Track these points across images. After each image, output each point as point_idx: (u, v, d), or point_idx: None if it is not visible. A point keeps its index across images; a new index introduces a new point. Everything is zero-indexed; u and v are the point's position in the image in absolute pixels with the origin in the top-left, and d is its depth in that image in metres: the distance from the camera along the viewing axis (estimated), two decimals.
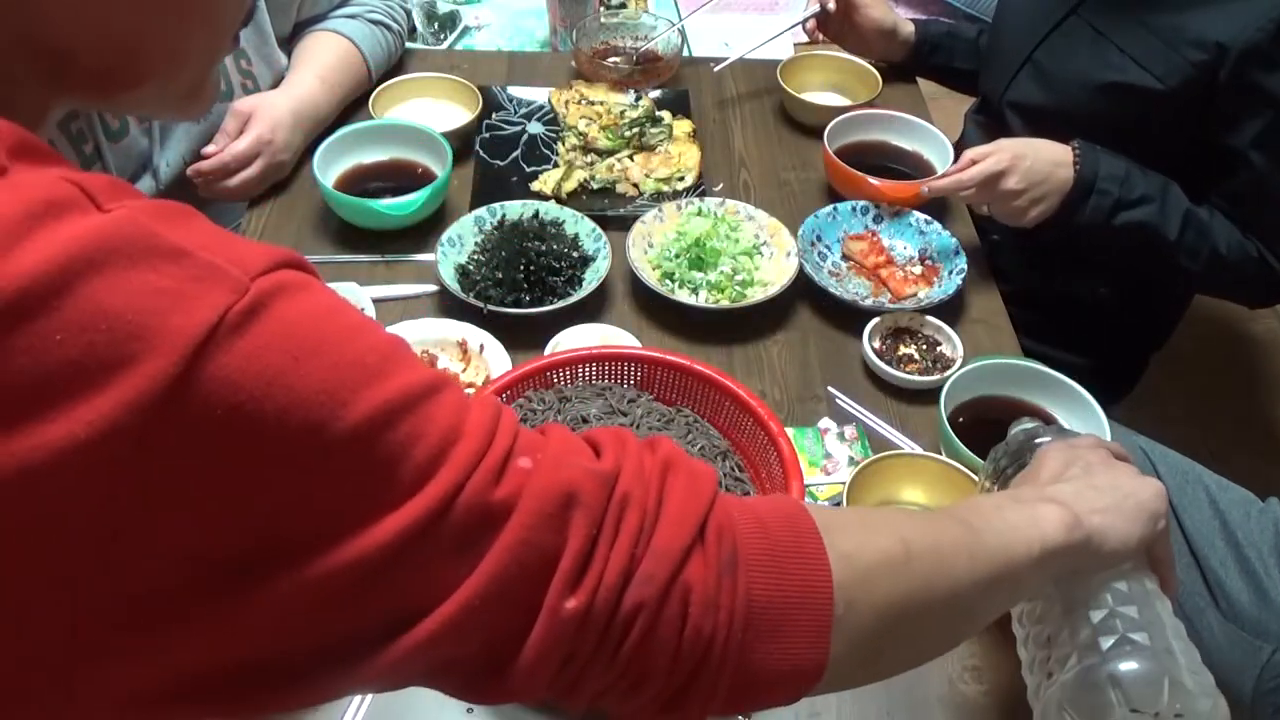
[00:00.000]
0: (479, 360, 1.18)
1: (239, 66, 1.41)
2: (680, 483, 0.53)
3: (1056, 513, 0.66)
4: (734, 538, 0.53)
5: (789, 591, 0.54)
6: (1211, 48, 1.26)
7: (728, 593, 0.51)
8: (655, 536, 0.51)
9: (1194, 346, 1.95)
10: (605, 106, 1.56)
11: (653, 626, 0.50)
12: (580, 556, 0.49)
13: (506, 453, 0.48)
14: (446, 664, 0.49)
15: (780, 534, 0.55)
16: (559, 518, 0.48)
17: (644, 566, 0.50)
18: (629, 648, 0.50)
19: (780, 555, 0.54)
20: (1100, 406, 1.10)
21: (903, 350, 1.24)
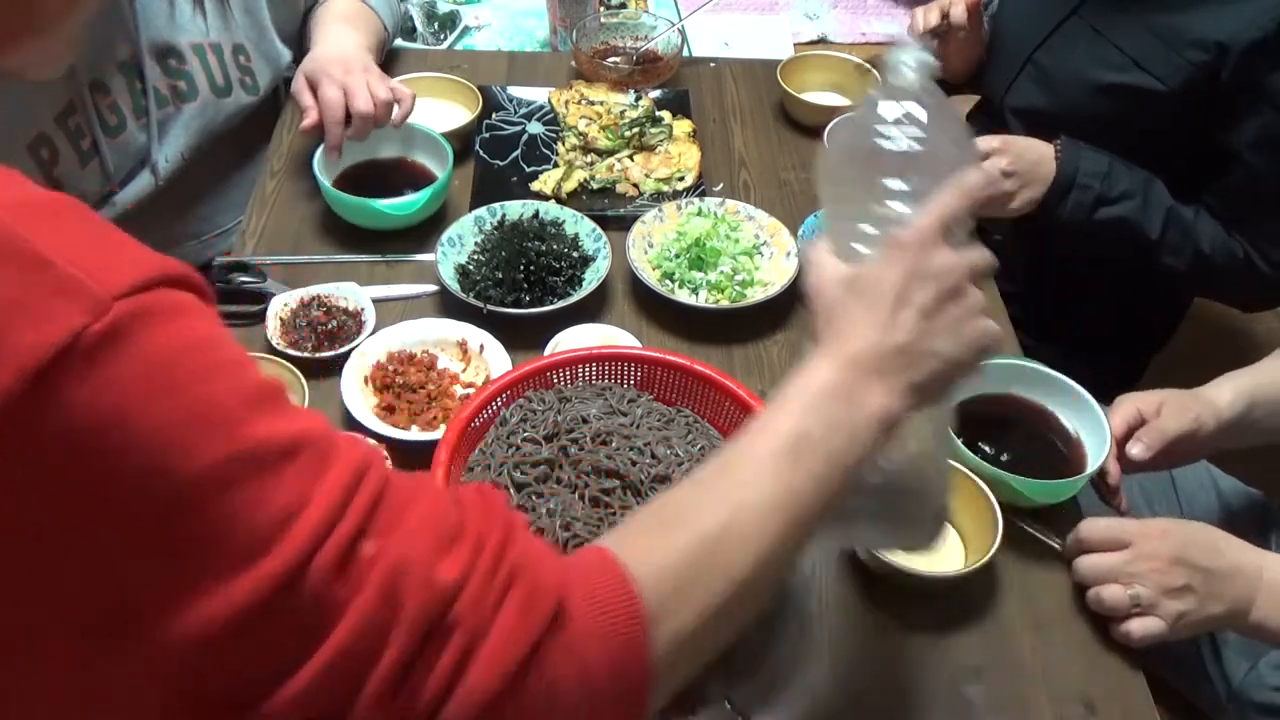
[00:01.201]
0: (479, 360, 1.18)
1: (238, 62, 1.41)
2: (518, 604, 0.51)
3: (882, 406, 0.62)
4: (555, 675, 0.51)
5: (605, 701, 0.53)
6: (1212, 48, 1.26)
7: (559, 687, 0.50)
8: (471, 672, 0.49)
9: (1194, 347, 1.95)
10: (605, 106, 1.56)
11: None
12: (397, 674, 0.47)
13: (357, 530, 0.46)
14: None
15: (603, 662, 0.53)
16: (383, 630, 0.46)
17: (452, 705, 0.48)
18: None
19: (601, 686, 0.53)
20: (1100, 406, 1.10)
21: None
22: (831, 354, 0.64)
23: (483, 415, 1.00)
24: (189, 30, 1.35)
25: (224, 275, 1.27)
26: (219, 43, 1.38)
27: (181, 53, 1.34)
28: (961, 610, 1.00)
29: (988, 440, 1.05)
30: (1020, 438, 1.12)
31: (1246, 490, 1.29)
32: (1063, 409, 1.12)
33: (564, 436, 0.97)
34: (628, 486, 0.94)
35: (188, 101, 1.37)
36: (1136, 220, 1.31)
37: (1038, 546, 1.05)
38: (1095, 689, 0.95)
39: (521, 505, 0.93)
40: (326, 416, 0.51)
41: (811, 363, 0.64)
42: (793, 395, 0.63)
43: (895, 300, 0.64)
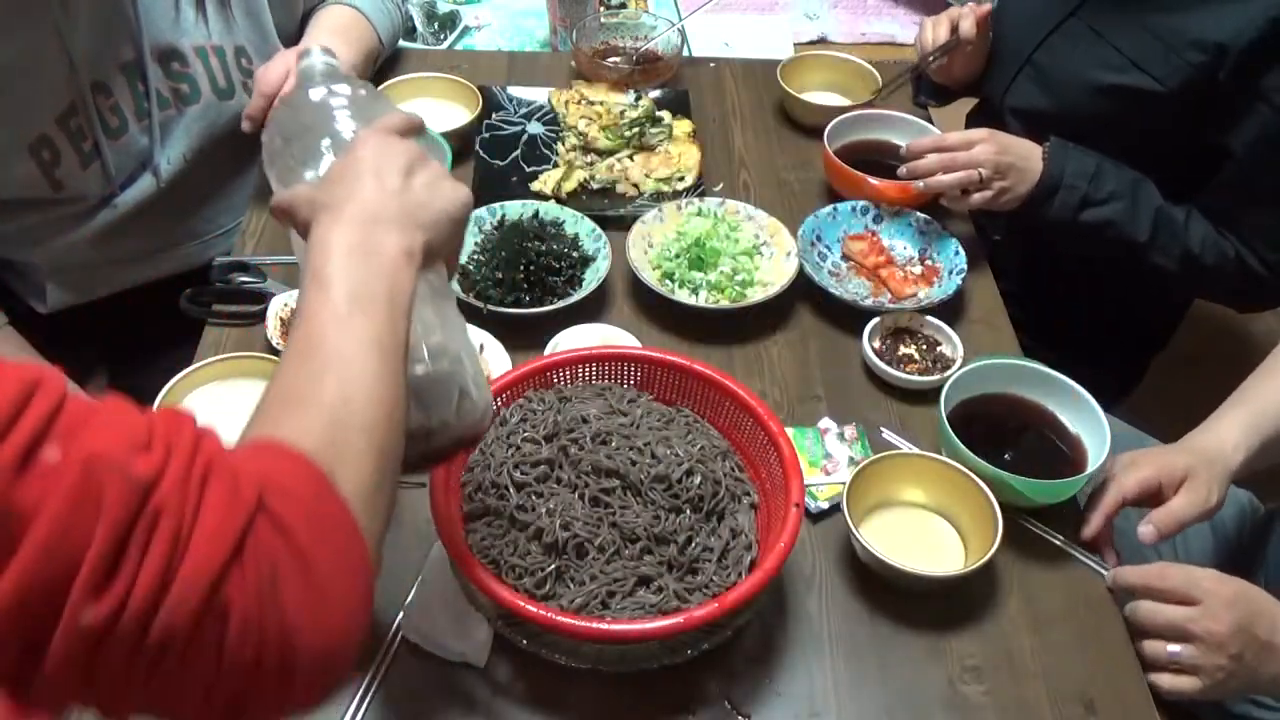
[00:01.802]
0: (479, 360, 1.18)
1: (239, 65, 1.41)
2: (221, 492, 0.51)
3: (401, 246, 0.68)
4: (273, 554, 0.51)
5: (331, 577, 0.54)
6: (1211, 49, 1.26)
7: (271, 613, 0.50)
8: (189, 557, 0.48)
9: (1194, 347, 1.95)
10: (605, 106, 1.56)
11: (185, 652, 0.48)
12: (103, 569, 0.46)
13: (33, 437, 0.46)
14: None
15: (310, 529, 0.54)
16: (83, 528, 0.46)
17: (175, 590, 0.48)
18: (162, 673, 0.48)
19: (316, 556, 0.54)
20: (1100, 406, 1.10)
21: (903, 350, 1.24)
22: (337, 216, 0.68)
23: None
24: (191, 33, 1.35)
25: (224, 275, 1.27)
26: (221, 45, 1.38)
27: (184, 55, 1.35)
28: (961, 610, 1.00)
29: (988, 440, 1.05)
30: (1020, 438, 1.12)
31: (1234, 491, 1.29)
32: (1062, 409, 1.13)
33: (564, 436, 0.97)
34: (628, 486, 0.94)
35: (190, 104, 1.37)
36: (1124, 222, 1.31)
37: (1038, 546, 1.05)
38: (1095, 689, 0.95)
39: (521, 505, 0.93)
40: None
41: (320, 235, 0.68)
42: (322, 266, 0.66)
43: (375, 168, 0.71)
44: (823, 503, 1.07)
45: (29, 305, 1.42)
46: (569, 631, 0.85)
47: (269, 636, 0.51)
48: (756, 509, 0.98)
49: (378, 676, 0.92)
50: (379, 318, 0.65)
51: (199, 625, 0.48)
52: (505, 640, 0.92)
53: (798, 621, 0.99)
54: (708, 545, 0.93)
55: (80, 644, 0.46)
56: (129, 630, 0.47)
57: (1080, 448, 1.09)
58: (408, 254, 0.68)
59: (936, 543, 1.04)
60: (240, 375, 1.13)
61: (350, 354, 0.63)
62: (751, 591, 0.86)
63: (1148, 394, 1.71)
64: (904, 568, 0.96)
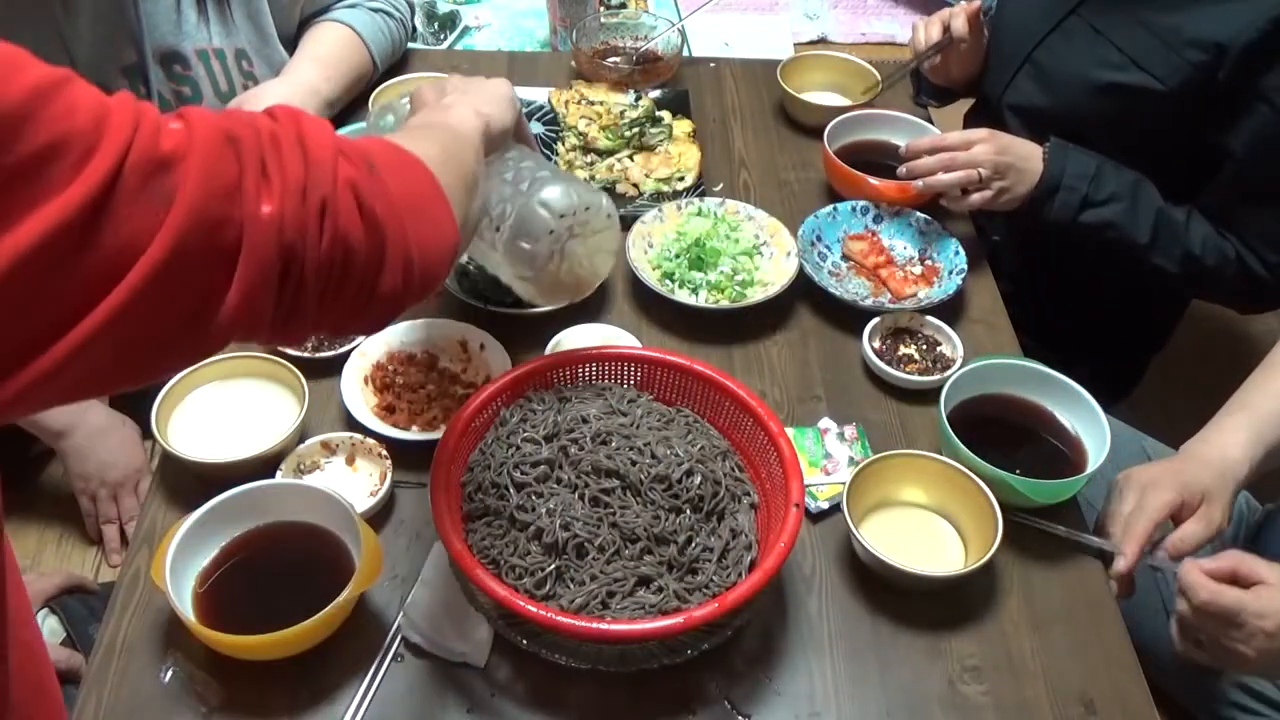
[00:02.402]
0: (479, 360, 1.18)
1: (240, 67, 1.41)
2: (309, 123, 0.62)
3: (471, 113, 0.87)
4: (363, 151, 0.64)
5: (414, 190, 0.68)
6: (1211, 48, 1.26)
7: (379, 185, 0.63)
8: (308, 152, 0.59)
9: (1194, 347, 1.95)
10: (605, 106, 1.56)
11: (337, 216, 0.59)
12: (258, 174, 0.56)
13: (157, 120, 0.53)
14: (158, 314, 0.52)
15: (380, 149, 0.67)
16: (228, 152, 0.55)
17: (311, 174, 0.58)
18: (327, 239, 0.59)
19: (395, 168, 0.68)
20: (1100, 406, 1.10)
21: (903, 350, 1.24)
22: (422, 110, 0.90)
23: (483, 415, 1.00)
24: (193, 35, 1.35)
25: None
26: (222, 48, 1.38)
27: (186, 58, 1.35)
28: (961, 610, 1.00)
29: (988, 440, 1.05)
30: (1020, 438, 1.12)
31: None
32: (1062, 408, 1.13)
33: (564, 436, 0.97)
34: (628, 486, 0.94)
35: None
36: (1124, 223, 1.31)
37: (1038, 546, 1.05)
38: (1095, 689, 0.95)
39: (521, 505, 0.93)
40: None
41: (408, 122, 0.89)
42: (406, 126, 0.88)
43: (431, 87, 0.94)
44: (823, 503, 1.07)
45: None
46: (569, 631, 0.85)
47: (384, 204, 0.63)
48: (756, 509, 0.98)
49: (378, 676, 0.92)
50: (448, 137, 0.81)
51: (337, 194, 0.60)
52: (505, 640, 0.92)
53: (798, 621, 0.99)
54: (708, 545, 0.93)
55: (266, 235, 0.55)
56: (294, 212, 0.57)
57: (1080, 448, 1.09)
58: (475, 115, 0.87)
59: (936, 543, 1.04)
60: (240, 375, 1.13)
61: (424, 135, 0.81)
62: (751, 591, 0.86)
63: (1147, 394, 1.71)
64: (904, 568, 0.96)
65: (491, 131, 0.88)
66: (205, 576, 0.94)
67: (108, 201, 0.49)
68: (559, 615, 0.84)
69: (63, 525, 1.65)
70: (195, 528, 0.94)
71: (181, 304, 0.53)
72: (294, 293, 0.59)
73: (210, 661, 0.91)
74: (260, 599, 0.94)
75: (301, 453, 1.06)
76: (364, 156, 0.64)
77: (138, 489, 1.58)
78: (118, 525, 1.59)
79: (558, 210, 0.90)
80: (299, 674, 0.91)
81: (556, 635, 0.89)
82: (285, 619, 0.87)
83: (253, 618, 0.88)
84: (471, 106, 0.88)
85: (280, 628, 0.86)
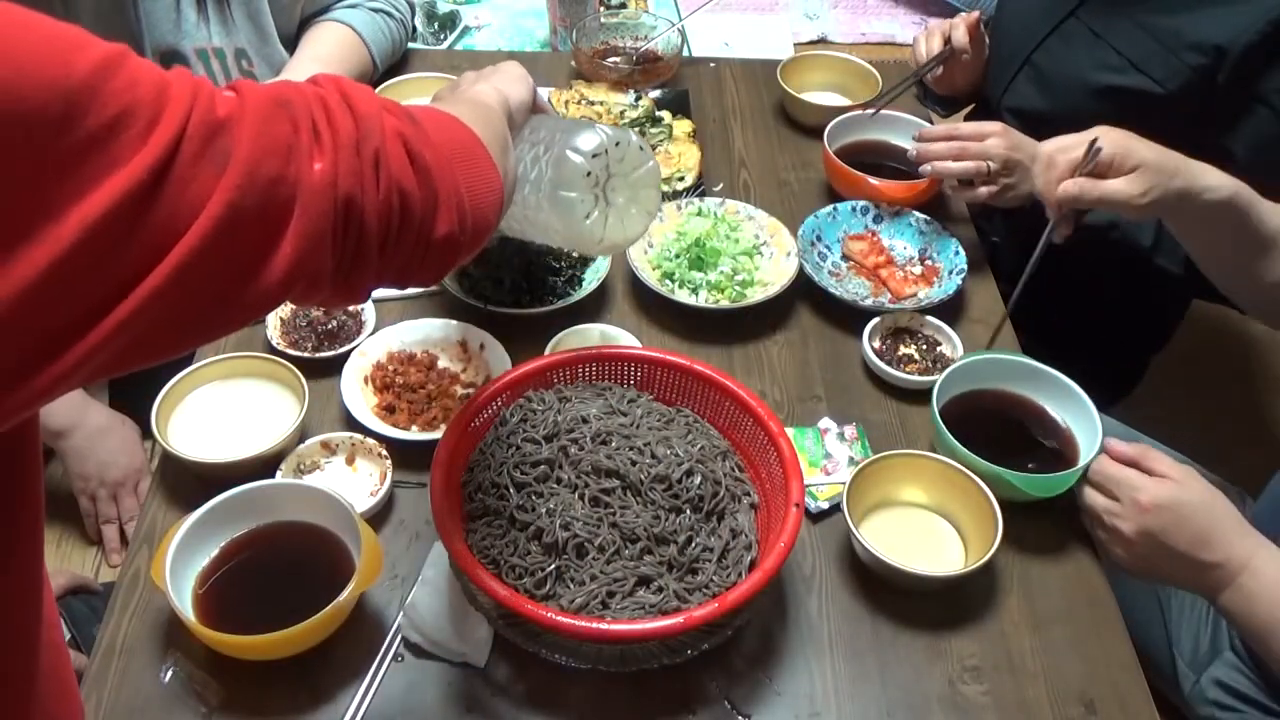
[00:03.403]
0: (479, 360, 1.18)
1: (240, 67, 1.41)
2: (350, 85, 0.64)
3: (493, 91, 0.90)
4: (404, 108, 0.67)
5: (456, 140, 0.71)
6: (1210, 51, 1.26)
7: (424, 135, 0.66)
8: (355, 108, 0.62)
9: (1194, 347, 1.95)
10: (605, 106, 1.56)
11: (390, 165, 0.62)
12: (310, 132, 0.58)
13: (212, 90, 0.55)
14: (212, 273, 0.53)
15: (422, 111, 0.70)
16: (280, 113, 0.57)
17: (362, 127, 0.61)
18: (384, 187, 0.61)
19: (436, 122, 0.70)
20: (1095, 403, 1.10)
21: (903, 350, 1.24)
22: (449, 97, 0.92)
23: (483, 415, 1.00)
24: (193, 35, 1.35)
25: None
26: (221, 48, 1.38)
27: (185, 57, 1.35)
28: (961, 610, 1.00)
29: (981, 435, 1.06)
30: (1013, 432, 1.13)
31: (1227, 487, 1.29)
32: (1054, 403, 1.13)
33: (564, 436, 0.97)
34: (628, 486, 0.94)
35: None
36: (1127, 225, 1.31)
37: (1038, 546, 1.05)
38: (1095, 689, 0.95)
39: (521, 505, 0.93)
40: None
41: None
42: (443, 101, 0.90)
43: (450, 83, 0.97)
44: (823, 503, 1.07)
45: None
46: (569, 631, 0.85)
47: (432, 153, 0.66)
48: (756, 509, 0.98)
49: (378, 676, 0.92)
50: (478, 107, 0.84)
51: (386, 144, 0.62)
52: (505, 640, 0.92)
53: (798, 621, 0.99)
54: (708, 545, 0.93)
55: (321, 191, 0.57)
56: (349, 166, 0.59)
57: (1072, 442, 1.10)
58: (496, 92, 0.89)
59: (936, 543, 1.04)
60: (240, 375, 1.13)
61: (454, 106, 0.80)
62: (751, 591, 0.86)
63: (1148, 394, 1.71)
64: (904, 568, 0.96)
65: (511, 106, 0.91)
66: (205, 576, 0.94)
67: (170, 168, 0.50)
68: (559, 615, 0.84)
69: (63, 525, 1.65)
70: (195, 528, 0.94)
71: (238, 263, 0.55)
72: (356, 244, 0.61)
73: (210, 661, 0.91)
74: (260, 599, 0.94)
75: (301, 453, 1.06)
76: (406, 113, 0.67)
77: (138, 489, 1.58)
78: (118, 525, 1.59)
79: (589, 150, 0.92)
80: (299, 674, 0.91)
81: (556, 635, 0.89)
82: (285, 619, 0.87)
83: (253, 618, 0.88)
84: (490, 85, 0.91)
85: (280, 628, 0.86)
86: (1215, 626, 1.19)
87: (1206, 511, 0.96)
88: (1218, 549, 0.95)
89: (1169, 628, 1.21)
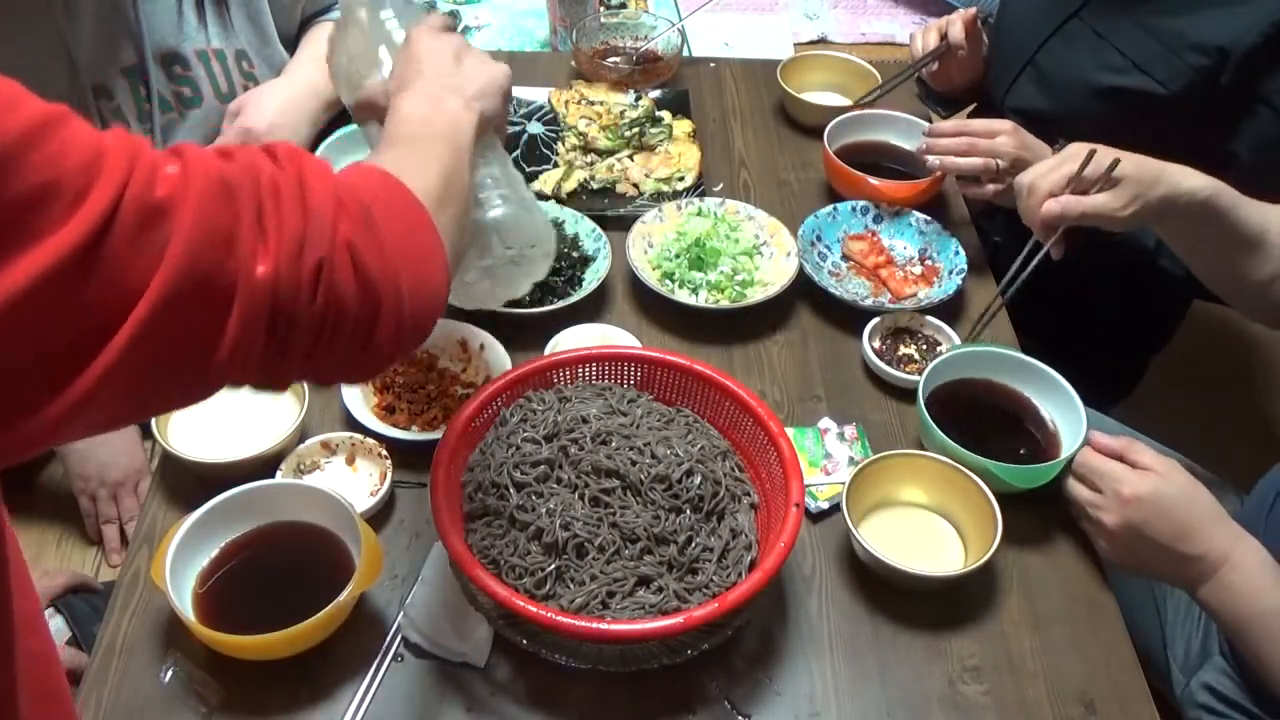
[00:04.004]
0: (479, 360, 1.18)
1: (240, 68, 1.41)
2: (310, 168, 0.61)
3: (463, 109, 0.84)
4: (361, 198, 0.63)
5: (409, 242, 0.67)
6: (1213, 52, 1.26)
7: (376, 241, 0.62)
8: (307, 202, 0.59)
9: (1194, 347, 1.95)
10: (605, 106, 1.56)
11: (333, 276, 0.59)
12: (254, 224, 0.56)
13: (153, 162, 0.52)
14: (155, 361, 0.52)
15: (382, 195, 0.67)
16: (223, 200, 0.54)
17: (310, 228, 0.58)
18: (321, 300, 0.58)
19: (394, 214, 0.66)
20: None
21: (903, 350, 1.24)
22: (407, 93, 0.84)
23: (483, 415, 1.00)
24: (193, 37, 1.35)
25: None
26: (222, 49, 1.38)
27: (186, 59, 1.35)
28: (961, 610, 1.00)
29: (967, 427, 1.06)
30: (998, 423, 1.13)
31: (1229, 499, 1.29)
32: (1041, 396, 1.13)
33: (564, 436, 0.97)
34: (628, 486, 0.94)
35: (192, 107, 1.37)
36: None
37: (1038, 546, 1.05)
38: (1095, 689, 0.95)
39: (521, 505, 0.93)
40: None
41: (397, 103, 0.83)
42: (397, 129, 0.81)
43: (430, 57, 0.86)
44: (823, 503, 1.07)
45: None
46: (569, 631, 0.85)
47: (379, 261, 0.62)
48: (756, 509, 0.98)
49: (378, 676, 0.92)
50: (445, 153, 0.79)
51: (334, 251, 0.59)
52: (505, 640, 0.92)
53: (798, 621, 0.99)
54: (708, 545, 0.93)
55: (260, 296, 0.55)
56: (289, 270, 0.56)
57: (1055, 434, 1.10)
58: (467, 110, 0.83)
59: (936, 543, 1.04)
60: None
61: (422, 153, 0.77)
62: (751, 591, 0.86)
63: (1148, 394, 1.71)
64: (904, 568, 0.96)
65: (482, 126, 0.87)
66: (205, 576, 0.94)
67: (102, 245, 0.48)
68: (559, 615, 0.84)
69: (63, 525, 1.64)
70: (195, 528, 0.94)
71: (178, 347, 0.54)
72: (280, 345, 0.58)
73: (210, 661, 0.91)
74: (260, 599, 0.94)
75: (301, 453, 1.06)
76: (362, 206, 0.63)
77: (138, 489, 1.58)
78: (118, 525, 1.59)
79: (505, 238, 0.88)
80: (299, 674, 0.91)
81: (556, 635, 0.89)
82: (285, 619, 0.87)
83: (253, 618, 0.88)
84: (464, 98, 0.85)
85: (280, 628, 0.86)
86: (1206, 630, 1.19)
87: (1188, 504, 0.97)
88: (1199, 542, 0.95)
89: (1164, 630, 1.21)
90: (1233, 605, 0.95)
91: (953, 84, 1.56)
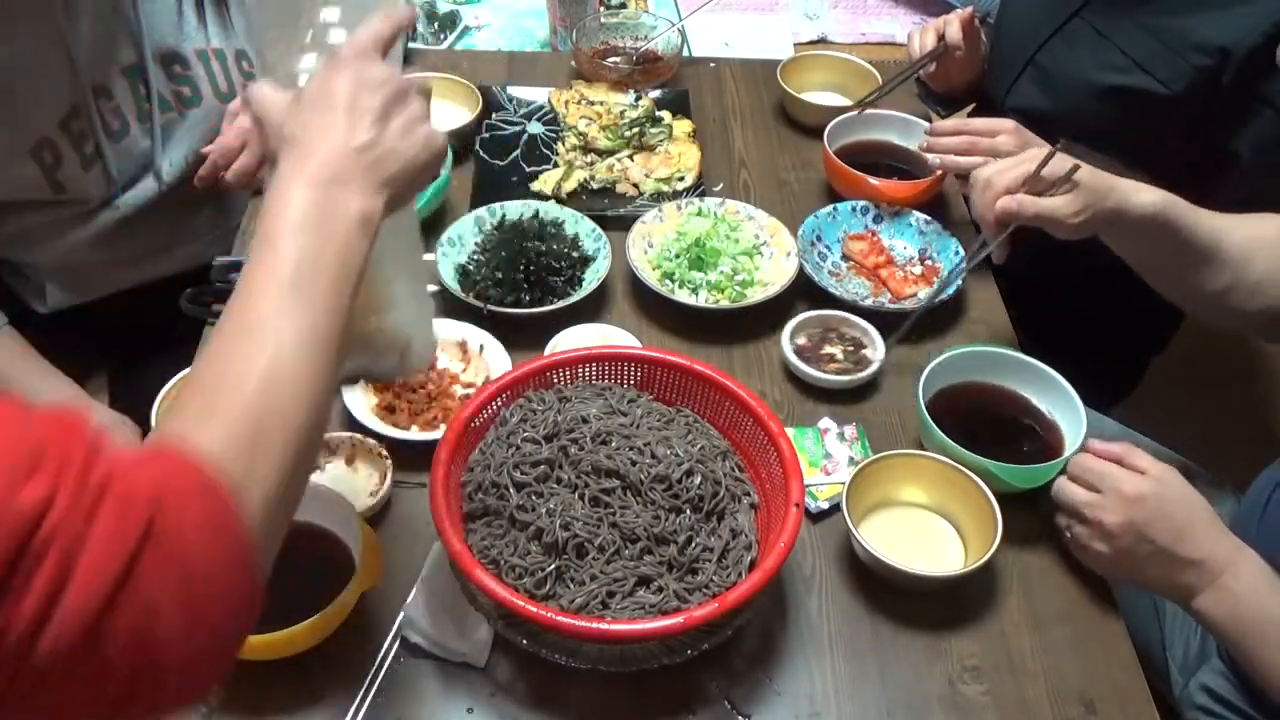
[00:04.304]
0: (479, 360, 1.18)
1: (240, 68, 1.41)
2: (111, 518, 0.50)
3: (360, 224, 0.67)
4: (157, 586, 0.51)
5: (212, 604, 0.55)
6: (1215, 52, 1.26)
7: (147, 643, 0.51)
8: (72, 591, 0.48)
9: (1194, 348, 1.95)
10: (605, 106, 1.56)
11: (70, 674, 0.49)
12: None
13: None
14: None
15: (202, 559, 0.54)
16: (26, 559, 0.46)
17: (55, 624, 0.48)
18: (43, 691, 0.49)
19: (202, 587, 0.54)
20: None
21: (827, 349, 1.23)
22: (298, 173, 0.67)
23: (483, 415, 1.00)
24: (193, 36, 1.35)
25: (224, 275, 1.27)
26: (221, 49, 1.38)
27: (185, 58, 1.35)
28: (961, 610, 1.00)
29: (968, 428, 1.06)
30: (999, 424, 1.13)
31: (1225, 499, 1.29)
32: (1041, 397, 1.13)
33: (564, 436, 0.97)
34: (628, 486, 0.94)
35: (192, 107, 1.37)
36: None
37: (1038, 546, 1.05)
38: (1095, 689, 0.95)
39: (521, 505, 0.93)
40: None
41: (280, 187, 0.67)
42: (275, 229, 0.65)
43: (347, 106, 0.69)
44: (823, 503, 1.07)
45: (29, 305, 1.42)
46: (569, 631, 0.85)
47: (142, 662, 0.51)
48: (756, 509, 0.98)
49: (378, 676, 0.92)
50: (321, 298, 0.64)
51: (74, 656, 0.49)
52: (505, 640, 0.92)
53: (798, 621, 0.99)
54: (708, 545, 0.93)
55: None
56: (9, 653, 0.47)
57: (1057, 433, 1.10)
58: (366, 220, 0.67)
59: (936, 543, 1.04)
60: None
61: (286, 342, 0.62)
62: (751, 591, 0.86)
63: (1148, 394, 1.71)
64: (904, 568, 0.96)
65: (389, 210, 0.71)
66: None
67: None
68: (559, 615, 0.84)
69: None
70: None
71: None
72: None
73: None
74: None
75: None
76: (162, 584, 0.52)
77: None
78: None
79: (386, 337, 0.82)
80: (299, 674, 0.91)
81: (557, 635, 0.89)
82: (285, 619, 0.86)
83: None
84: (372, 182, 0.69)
85: (280, 628, 0.86)
86: (1204, 632, 1.19)
87: (1186, 508, 0.96)
88: (1198, 546, 0.95)
89: (1164, 630, 1.21)
90: (1234, 612, 0.94)
91: (951, 84, 1.56)
